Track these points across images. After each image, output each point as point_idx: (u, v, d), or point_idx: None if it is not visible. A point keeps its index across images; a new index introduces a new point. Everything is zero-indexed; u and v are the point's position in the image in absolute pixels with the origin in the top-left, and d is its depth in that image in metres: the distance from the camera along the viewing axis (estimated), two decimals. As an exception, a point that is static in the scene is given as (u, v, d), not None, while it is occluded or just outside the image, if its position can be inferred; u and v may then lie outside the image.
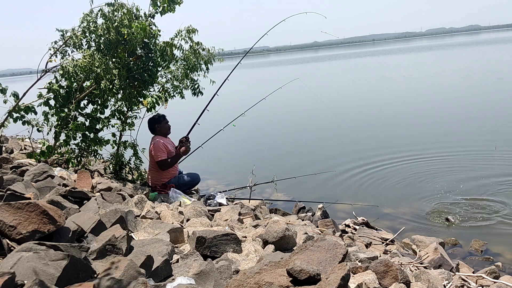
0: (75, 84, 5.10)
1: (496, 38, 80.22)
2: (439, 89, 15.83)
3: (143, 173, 5.75)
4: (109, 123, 5.47)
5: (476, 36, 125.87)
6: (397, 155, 7.68)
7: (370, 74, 25.93)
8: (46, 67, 5.10)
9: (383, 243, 4.30)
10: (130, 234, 2.72)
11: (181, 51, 5.45)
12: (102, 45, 4.99)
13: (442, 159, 7.20)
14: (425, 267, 3.28)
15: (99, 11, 4.94)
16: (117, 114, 5.46)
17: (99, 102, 5.34)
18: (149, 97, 5.34)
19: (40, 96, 5.09)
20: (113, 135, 5.53)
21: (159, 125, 5.31)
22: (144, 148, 5.60)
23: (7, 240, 2.23)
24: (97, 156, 5.56)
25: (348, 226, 4.83)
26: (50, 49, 5.08)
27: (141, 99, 5.35)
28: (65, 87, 5.10)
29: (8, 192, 2.82)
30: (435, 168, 6.77)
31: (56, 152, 5.25)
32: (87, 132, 5.27)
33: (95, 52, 4.92)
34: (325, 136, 10.19)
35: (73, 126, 4.95)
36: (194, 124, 5.75)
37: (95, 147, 5.42)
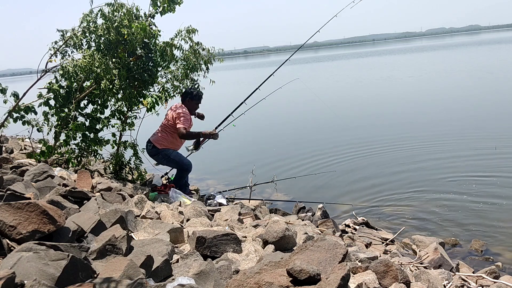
0: (75, 84, 5.09)
1: (497, 38, 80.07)
2: (444, 90, 15.69)
3: (143, 173, 5.74)
4: (109, 123, 5.46)
5: (476, 36, 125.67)
6: (398, 155, 7.69)
7: (370, 75, 25.91)
8: (46, 67, 5.09)
9: (383, 243, 4.31)
10: (130, 234, 2.72)
11: (181, 51, 5.45)
12: (102, 45, 4.99)
13: (445, 159, 7.20)
14: (425, 267, 3.28)
15: (99, 11, 4.93)
16: (117, 114, 5.45)
17: (99, 102, 5.33)
18: (149, 97, 5.34)
19: (40, 96, 5.09)
20: (113, 135, 5.52)
21: (190, 100, 5.39)
22: (144, 148, 5.59)
23: (7, 240, 2.23)
24: (97, 156, 5.55)
25: (348, 226, 4.83)
26: (50, 49, 5.07)
27: (141, 99, 5.35)
28: (65, 87, 5.09)
29: (8, 192, 2.81)
30: (437, 168, 6.77)
31: (56, 152, 5.25)
32: (87, 132, 5.26)
33: (95, 52, 4.92)
34: (325, 136, 10.19)
35: (73, 126, 4.94)
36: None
37: (95, 147, 5.41)
